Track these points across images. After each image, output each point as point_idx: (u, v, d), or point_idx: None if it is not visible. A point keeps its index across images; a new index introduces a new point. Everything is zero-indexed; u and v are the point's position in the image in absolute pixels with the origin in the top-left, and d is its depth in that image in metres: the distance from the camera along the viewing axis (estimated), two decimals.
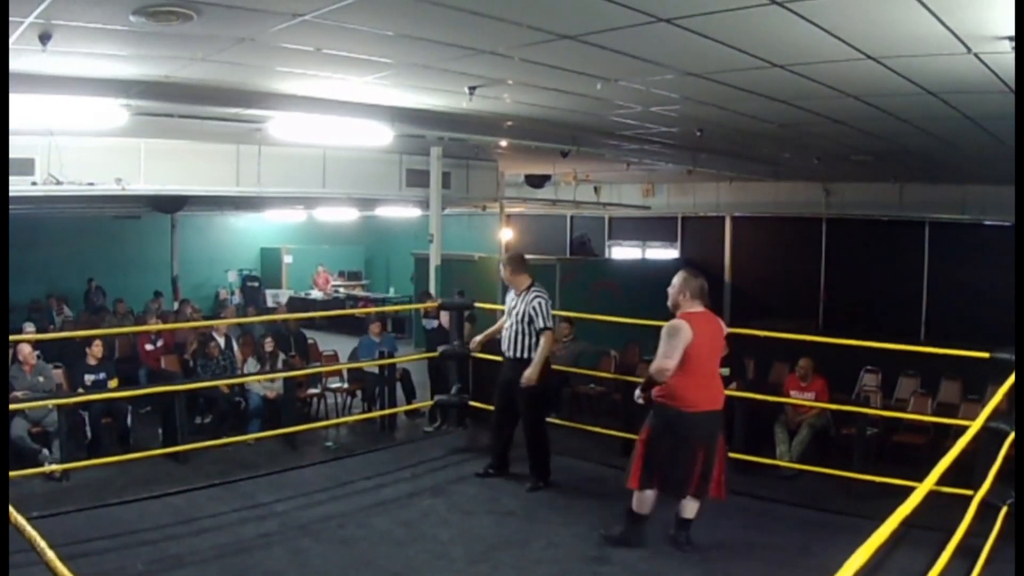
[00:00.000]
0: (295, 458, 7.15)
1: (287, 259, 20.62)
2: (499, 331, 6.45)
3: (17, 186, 7.98)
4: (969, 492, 4.66)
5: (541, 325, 6.05)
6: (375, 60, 5.64)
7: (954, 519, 4.24)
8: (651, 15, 4.27)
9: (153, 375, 9.38)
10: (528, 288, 6.16)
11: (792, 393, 7.58)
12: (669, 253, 17.52)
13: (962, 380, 8.41)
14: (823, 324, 14.57)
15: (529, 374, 6.04)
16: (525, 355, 6.11)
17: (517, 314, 6.14)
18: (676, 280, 4.75)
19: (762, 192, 15.25)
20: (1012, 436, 4.78)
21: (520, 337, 6.15)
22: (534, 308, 6.05)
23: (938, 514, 4.04)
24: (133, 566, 4.72)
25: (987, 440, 4.82)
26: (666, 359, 4.53)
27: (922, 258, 14.00)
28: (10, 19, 4.25)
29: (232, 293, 19.32)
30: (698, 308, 4.71)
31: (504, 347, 6.29)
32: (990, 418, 4.57)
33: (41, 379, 7.22)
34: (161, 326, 10.45)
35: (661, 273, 16.16)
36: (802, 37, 4.57)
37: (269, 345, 8.80)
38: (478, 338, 6.81)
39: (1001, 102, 5.86)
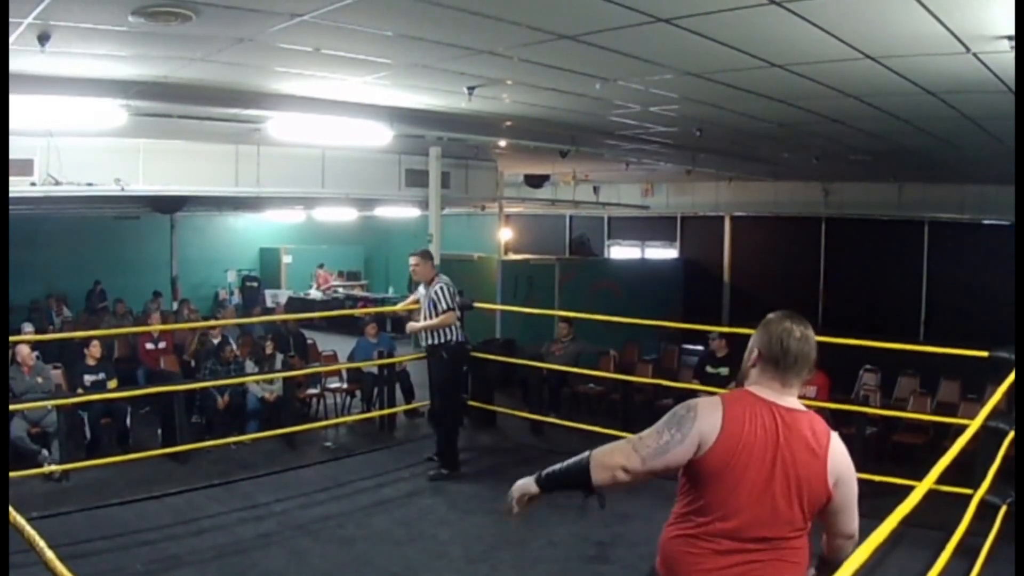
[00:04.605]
0: (294, 458, 7.15)
1: (286, 259, 20.60)
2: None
3: (16, 186, 7.96)
4: (968, 491, 4.67)
5: (444, 308, 6.52)
6: (374, 60, 5.64)
7: (954, 518, 4.25)
8: (650, 15, 4.27)
9: (152, 375, 9.37)
10: (432, 280, 6.65)
11: None
12: (668, 253, 17.54)
13: (961, 379, 8.41)
14: (822, 324, 14.54)
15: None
16: (436, 342, 6.59)
17: (426, 304, 6.63)
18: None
19: (761, 192, 15.26)
20: (1011, 435, 4.79)
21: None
22: (436, 294, 6.54)
23: (937, 513, 4.05)
24: (132, 566, 4.73)
25: (986, 439, 4.83)
26: (638, 448, 2.30)
27: (921, 258, 13.99)
28: (9, 19, 4.25)
29: (231, 293, 19.31)
30: (777, 393, 2.28)
31: (422, 339, 6.82)
32: (989, 417, 4.58)
33: (40, 380, 7.21)
34: (162, 327, 10.43)
35: (660, 273, 16.39)
36: (801, 37, 4.57)
37: (269, 348, 8.79)
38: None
39: (1000, 102, 5.86)
